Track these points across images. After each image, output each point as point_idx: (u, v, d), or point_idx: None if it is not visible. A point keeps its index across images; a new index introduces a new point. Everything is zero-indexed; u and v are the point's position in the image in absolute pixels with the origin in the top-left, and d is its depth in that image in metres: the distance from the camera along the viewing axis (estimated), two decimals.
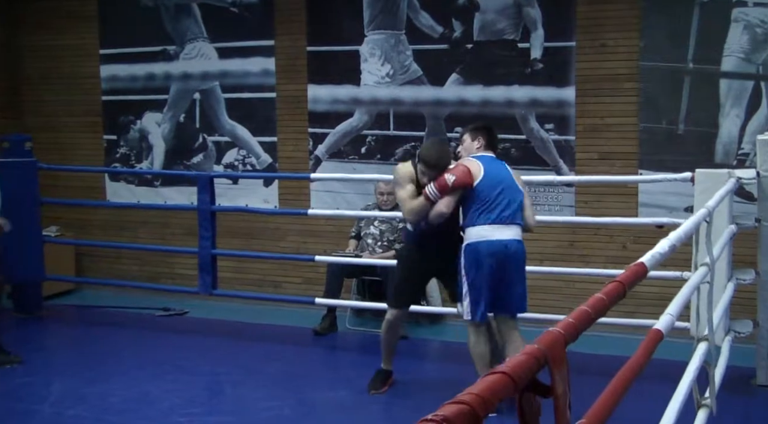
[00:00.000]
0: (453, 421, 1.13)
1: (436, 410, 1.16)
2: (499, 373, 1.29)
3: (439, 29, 6.87)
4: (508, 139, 6.70)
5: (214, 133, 7.72)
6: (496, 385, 1.26)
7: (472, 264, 4.68)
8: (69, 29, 8.19)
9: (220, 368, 5.84)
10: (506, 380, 1.29)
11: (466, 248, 4.70)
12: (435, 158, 4.78)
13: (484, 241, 4.65)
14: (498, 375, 1.28)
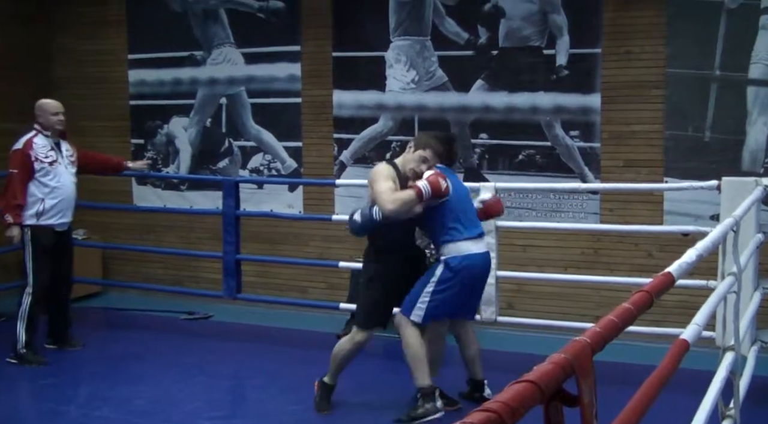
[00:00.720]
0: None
1: (464, 418, 1.17)
2: (526, 382, 1.29)
3: (464, 35, 6.88)
4: (532, 146, 6.69)
5: (240, 137, 7.77)
6: (524, 393, 1.27)
7: (452, 278, 4.66)
8: (98, 34, 8.29)
9: (243, 372, 5.87)
10: (533, 388, 1.29)
11: (450, 263, 4.66)
12: (446, 146, 4.78)
13: (468, 255, 4.68)
14: (525, 384, 1.29)
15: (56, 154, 5.93)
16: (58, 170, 5.90)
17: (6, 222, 5.80)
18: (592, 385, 1.53)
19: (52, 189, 5.86)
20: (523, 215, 6.69)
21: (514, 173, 6.75)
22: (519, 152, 6.76)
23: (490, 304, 5.76)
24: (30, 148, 5.83)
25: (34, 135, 5.90)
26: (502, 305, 6.08)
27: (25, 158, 5.81)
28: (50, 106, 5.99)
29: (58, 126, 5.95)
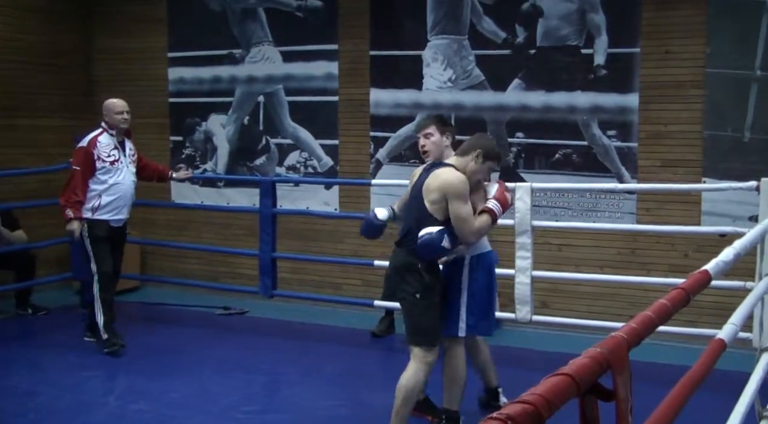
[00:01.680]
0: (517, 420, 1.16)
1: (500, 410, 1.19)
2: (562, 375, 1.31)
3: (502, 35, 6.87)
4: (569, 145, 6.67)
5: (277, 135, 7.83)
6: (560, 386, 1.28)
7: (484, 274, 4.45)
8: (138, 33, 8.40)
9: (278, 367, 5.91)
10: (569, 382, 1.31)
11: (477, 259, 4.43)
12: (498, 153, 4.44)
13: (489, 251, 4.53)
14: (561, 377, 1.30)
15: (119, 153, 6.05)
16: (118, 169, 6.04)
17: (67, 216, 5.94)
18: (628, 380, 1.54)
19: (110, 186, 6.00)
20: (559, 215, 6.67)
21: (550, 173, 6.73)
22: (555, 151, 6.74)
23: (525, 303, 5.75)
24: (94, 146, 5.96)
25: (99, 133, 6.03)
26: (537, 304, 6.06)
27: (88, 156, 5.94)
28: (115, 105, 6.07)
29: (122, 125, 6.05)
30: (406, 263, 4.19)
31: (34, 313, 7.21)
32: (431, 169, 4.21)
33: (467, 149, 4.23)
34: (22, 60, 7.91)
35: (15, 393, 5.19)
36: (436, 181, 4.10)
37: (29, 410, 4.90)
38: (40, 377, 5.51)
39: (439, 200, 4.11)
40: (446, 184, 4.07)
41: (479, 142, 4.32)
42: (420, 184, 4.19)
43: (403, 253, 4.21)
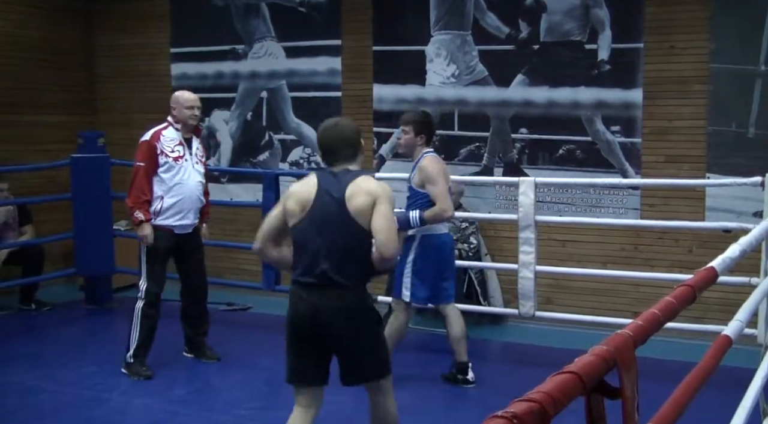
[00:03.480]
0: (522, 418, 1.15)
1: (505, 408, 1.18)
2: (568, 373, 1.30)
3: (505, 30, 6.86)
4: (573, 140, 6.66)
5: (281, 131, 7.82)
6: (566, 384, 1.28)
7: (431, 253, 5.13)
8: (141, 29, 8.40)
9: (281, 364, 5.87)
10: (575, 380, 1.30)
11: (428, 239, 5.11)
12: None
13: (444, 233, 5.23)
14: (567, 375, 1.30)
15: (183, 149, 5.49)
16: (183, 167, 5.46)
17: (136, 219, 5.37)
18: (634, 378, 1.53)
19: (172, 186, 5.43)
20: (562, 210, 6.66)
21: (554, 168, 6.72)
22: (559, 147, 6.73)
23: (528, 299, 5.75)
24: (157, 140, 5.42)
25: (164, 127, 5.51)
26: (540, 300, 6.06)
27: (151, 151, 5.40)
28: (186, 99, 5.54)
29: (191, 121, 5.51)
30: (357, 303, 3.47)
31: (38, 308, 7.22)
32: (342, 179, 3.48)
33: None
34: (25, 56, 7.90)
35: (19, 389, 5.19)
36: (364, 186, 3.44)
37: (33, 406, 4.90)
38: (43, 373, 5.50)
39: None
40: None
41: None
42: (338, 198, 3.43)
43: (346, 291, 3.41)
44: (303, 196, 3.48)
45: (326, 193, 3.44)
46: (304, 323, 3.46)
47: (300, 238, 3.48)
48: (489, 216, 6.72)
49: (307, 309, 3.43)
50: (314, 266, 3.41)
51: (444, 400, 5.25)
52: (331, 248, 3.39)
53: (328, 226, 3.41)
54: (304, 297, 3.44)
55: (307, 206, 3.45)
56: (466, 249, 6.64)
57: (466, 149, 7.05)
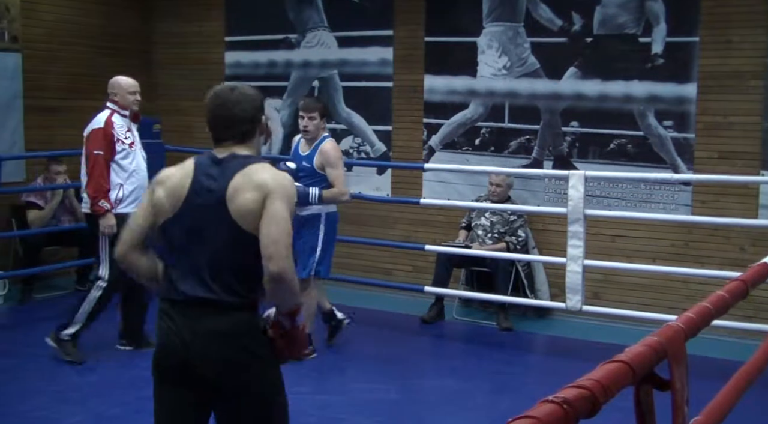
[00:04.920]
0: (573, 404, 1.18)
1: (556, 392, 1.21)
2: (619, 362, 1.32)
3: (558, 22, 6.82)
4: (624, 135, 6.61)
5: (331, 120, 7.87)
6: (616, 373, 1.30)
7: (332, 229, 5.53)
8: (197, 17, 8.52)
9: (327, 350, 5.97)
10: (626, 369, 1.33)
11: (330, 216, 5.48)
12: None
13: (337, 211, 5.59)
14: (618, 364, 1.32)
15: (133, 136, 5.52)
16: (136, 153, 5.50)
17: (101, 209, 5.25)
18: (685, 370, 1.55)
19: (130, 173, 5.43)
20: (612, 205, 6.62)
21: (604, 162, 6.67)
22: (610, 141, 6.68)
23: (575, 293, 5.74)
24: (112, 127, 5.36)
25: (111, 114, 5.43)
26: (588, 294, 6.04)
27: (108, 138, 5.33)
28: (129, 84, 5.53)
29: (134, 106, 5.51)
30: (245, 328, 2.63)
31: None
32: (227, 167, 2.67)
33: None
34: (85, 44, 8.07)
35: (72, 369, 5.32)
36: (254, 178, 2.62)
37: (84, 384, 5.04)
38: (95, 353, 5.63)
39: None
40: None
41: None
42: (218, 193, 2.62)
43: (228, 310, 2.59)
44: (174, 186, 2.65)
45: (203, 186, 2.62)
46: (173, 355, 2.59)
47: (169, 245, 2.66)
48: (538, 209, 6.71)
49: (177, 335, 2.57)
50: (186, 279, 2.59)
51: (489, 390, 5.28)
52: (208, 259, 2.57)
53: (203, 229, 2.59)
54: (173, 319, 2.59)
55: (178, 202, 2.63)
56: (514, 242, 6.65)
57: (515, 142, 7.04)
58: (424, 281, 6.80)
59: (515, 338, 6.29)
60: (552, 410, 1.13)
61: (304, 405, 4.76)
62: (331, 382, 5.43)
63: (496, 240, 6.68)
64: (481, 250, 6.57)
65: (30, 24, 7.56)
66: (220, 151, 2.69)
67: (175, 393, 2.62)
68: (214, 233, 2.58)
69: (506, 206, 6.61)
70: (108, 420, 4.42)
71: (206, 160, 2.68)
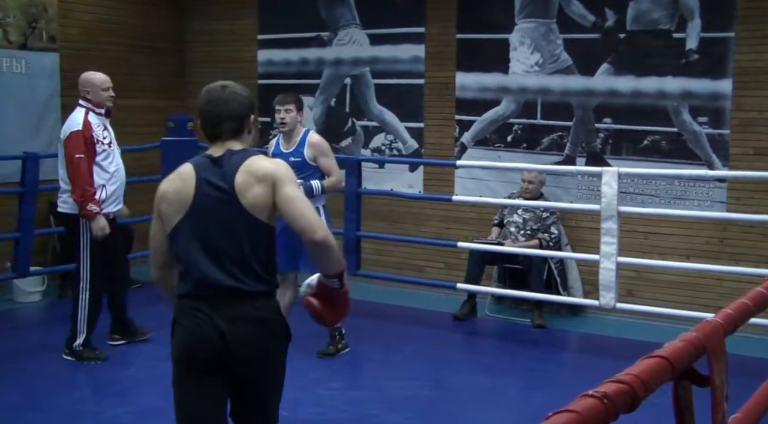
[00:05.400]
0: (613, 398, 1.19)
1: (593, 388, 1.22)
2: (658, 357, 1.33)
3: (591, 18, 6.79)
4: (658, 131, 6.57)
5: (363, 117, 7.91)
6: (656, 368, 1.31)
7: (329, 222, 5.39)
8: (231, 15, 8.58)
9: (360, 346, 6.00)
10: (665, 364, 1.33)
11: (325, 209, 5.50)
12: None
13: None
14: (657, 359, 1.33)
15: (109, 134, 5.36)
16: (114, 152, 5.37)
17: (91, 212, 5.14)
18: (724, 367, 1.55)
19: (112, 174, 5.33)
20: (645, 202, 6.58)
21: (638, 159, 6.64)
22: (644, 138, 6.65)
23: (609, 290, 5.71)
24: (90, 128, 5.19)
25: (86, 113, 5.25)
26: (621, 291, 6.01)
27: (88, 140, 5.16)
28: (102, 80, 5.34)
29: (108, 103, 5.35)
30: (269, 309, 2.79)
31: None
32: (227, 166, 2.76)
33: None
34: (120, 43, 8.17)
35: (111, 361, 5.40)
36: (260, 169, 2.74)
37: (128, 377, 5.12)
38: (136, 348, 5.72)
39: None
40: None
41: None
42: (228, 192, 2.72)
43: (251, 298, 2.72)
44: (177, 193, 2.73)
45: (209, 186, 2.71)
46: (207, 346, 2.66)
47: (184, 246, 2.72)
48: (571, 206, 6.69)
49: (212, 327, 2.65)
50: (211, 273, 2.67)
51: (522, 387, 5.29)
52: (232, 251, 2.68)
53: (220, 225, 2.69)
54: (204, 312, 2.66)
55: (185, 205, 2.71)
56: (547, 239, 6.63)
57: (548, 138, 7.02)
58: (456, 278, 6.80)
59: (548, 335, 6.29)
60: (592, 405, 1.14)
61: (337, 401, 4.81)
62: (364, 378, 5.46)
63: (528, 237, 6.67)
64: (513, 247, 6.56)
65: (67, 24, 7.68)
66: (215, 150, 2.78)
67: (203, 381, 2.71)
68: (233, 226, 2.69)
69: (539, 203, 6.60)
70: (149, 412, 4.47)
71: (204, 161, 2.77)
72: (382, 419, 4.55)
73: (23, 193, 6.29)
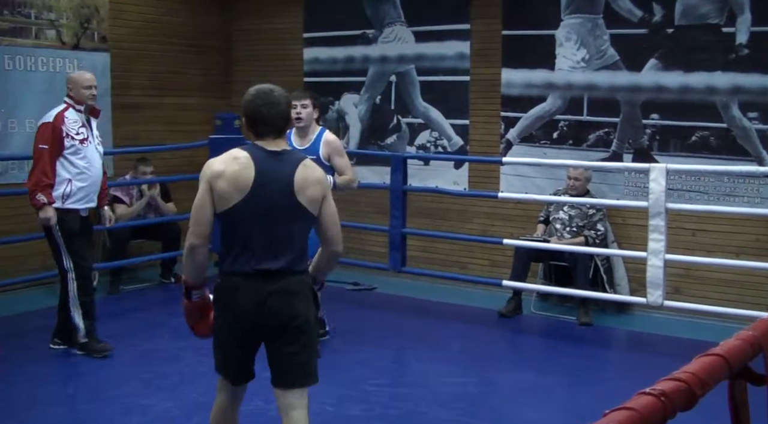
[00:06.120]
0: (670, 396, 1.20)
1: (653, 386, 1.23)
2: (714, 355, 1.34)
3: (638, 13, 6.73)
4: (707, 127, 6.49)
5: (408, 114, 7.93)
6: (713, 366, 1.31)
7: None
8: (276, 14, 8.66)
9: (406, 343, 6.03)
10: (722, 362, 1.34)
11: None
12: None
13: None
14: (714, 357, 1.33)
15: (87, 131, 5.32)
16: (88, 150, 5.30)
17: (38, 202, 5.13)
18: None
19: (81, 170, 5.27)
20: (693, 199, 6.51)
21: (686, 155, 6.57)
22: (692, 134, 6.57)
23: (657, 287, 5.67)
24: (62, 122, 5.20)
25: (65, 108, 5.28)
26: (669, 289, 5.96)
27: (56, 133, 5.17)
28: (84, 79, 5.36)
29: (90, 100, 5.34)
30: (303, 283, 3.21)
31: (177, 282, 7.58)
32: (286, 161, 3.16)
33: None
34: (168, 42, 8.29)
35: (162, 356, 5.50)
36: (314, 173, 3.19)
37: (175, 372, 5.19)
38: (184, 343, 5.79)
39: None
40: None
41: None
42: (286, 184, 3.11)
43: (295, 276, 3.17)
44: (237, 176, 3.04)
45: (270, 178, 3.06)
46: (248, 313, 3.09)
47: (244, 224, 3.07)
48: (617, 203, 6.64)
49: (258, 298, 3.08)
50: (259, 253, 3.07)
51: (568, 384, 5.27)
52: (279, 235, 3.09)
53: (273, 212, 3.07)
54: (246, 288, 3.08)
55: (245, 189, 3.03)
56: (593, 236, 6.59)
57: (594, 135, 6.98)
58: (500, 275, 6.80)
59: (594, 332, 6.25)
60: (650, 402, 1.16)
61: (384, 398, 4.83)
62: (411, 375, 5.49)
63: (574, 234, 6.64)
64: (559, 244, 6.54)
65: (117, 24, 7.81)
66: (267, 144, 3.13)
67: (243, 340, 3.20)
68: (283, 214, 3.09)
69: (585, 200, 6.56)
70: (197, 407, 4.54)
71: (261, 153, 3.10)
72: (429, 416, 4.57)
73: None
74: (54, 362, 5.39)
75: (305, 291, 3.20)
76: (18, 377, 5.06)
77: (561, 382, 5.28)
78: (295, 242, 3.13)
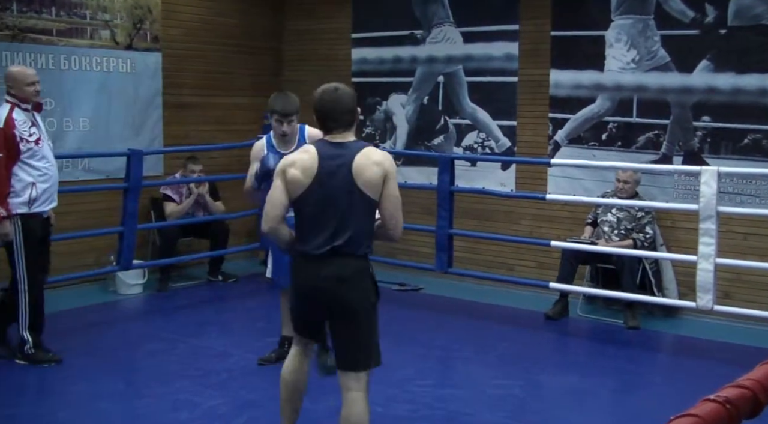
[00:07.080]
0: (735, 403, 1.20)
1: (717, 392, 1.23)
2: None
3: (690, 14, 6.66)
4: (760, 129, 6.40)
5: (455, 115, 7.93)
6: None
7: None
8: (326, 14, 8.72)
9: (452, 344, 6.03)
10: None
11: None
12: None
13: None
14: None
15: (38, 130, 5.10)
16: (43, 149, 5.10)
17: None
18: None
19: (43, 172, 5.09)
20: (745, 202, 6.42)
21: (737, 158, 6.48)
22: (744, 136, 6.48)
23: (707, 291, 5.60)
24: (13, 126, 4.93)
25: (10, 110, 4.99)
26: (719, 293, 5.89)
27: (9, 139, 4.91)
28: (26, 74, 5.10)
29: (34, 97, 5.10)
30: (358, 269, 3.44)
31: (224, 280, 7.69)
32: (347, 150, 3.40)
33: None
34: (221, 42, 8.39)
35: (211, 353, 5.57)
36: (374, 156, 3.39)
37: (224, 369, 5.25)
38: (232, 341, 5.88)
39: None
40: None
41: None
42: (345, 169, 3.36)
43: (350, 260, 3.41)
44: (306, 166, 3.37)
45: (331, 164, 3.35)
46: (310, 295, 3.45)
47: (309, 209, 3.40)
48: (667, 206, 6.56)
49: (312, 281, 3.40)
50: (329, 239, 3.35)
51: (615, 388, 5.23)
52: (339, 220, 3.34)
53: (334, 198, 3.33)
54: (307, 268, 3.42)
55: (311, 177, 3.35)
56: (641, 239, 6.53)
57: (644, 137, 6.91)
58: (547, 277, 6.77)
59: (642, 336, 6.20)
60: (714, 410, 1.16)
61: (430, 399, 4.84)
62: (456, 376, 5.49)
63: (622, 237, 6.59)
64: (607, 247, 6.49)
65: (169, 24, 7.92)
66: (333, 137, 3.42)
67: (302, 306, 3.55)
68: (344, 200, 3.33)
69: (634, 203, 6.51)
70: (246, 405, 4.60)
71: (325, 146, 3.41)
72: (475, 418, 4.57)
73: (127, 189, 6.47)
74: (104, 357, 5.49)
75: (361, 276, 3.42)
76: (68, 372, 5.17)
77: (607, 386, 5.24)
78: (354, 226, 3.35)
